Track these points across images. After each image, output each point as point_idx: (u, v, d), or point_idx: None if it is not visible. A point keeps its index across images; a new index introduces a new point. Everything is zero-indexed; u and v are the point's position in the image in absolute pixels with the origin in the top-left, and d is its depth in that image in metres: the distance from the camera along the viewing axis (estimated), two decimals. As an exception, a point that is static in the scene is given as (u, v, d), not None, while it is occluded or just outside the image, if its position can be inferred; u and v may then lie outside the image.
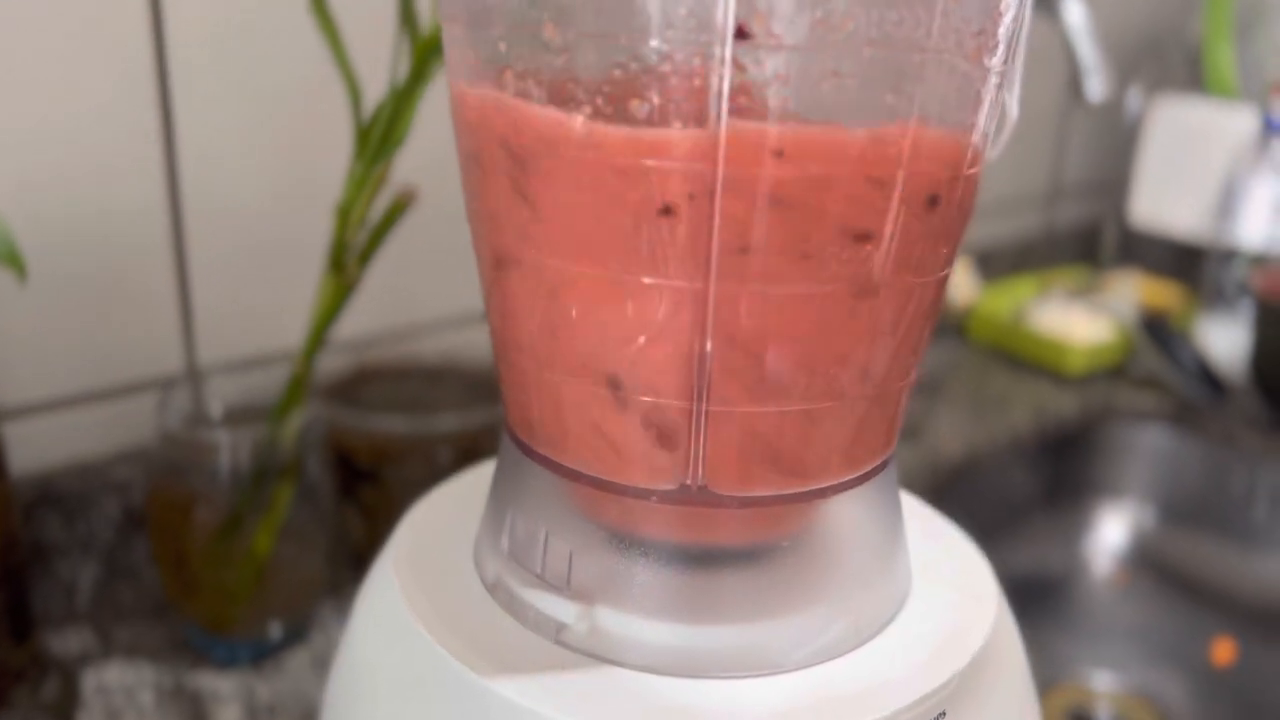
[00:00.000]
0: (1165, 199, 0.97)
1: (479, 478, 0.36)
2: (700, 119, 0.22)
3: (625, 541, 0.28)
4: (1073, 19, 0.67)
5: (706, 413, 0.26)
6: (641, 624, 0.28)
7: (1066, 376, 0.88)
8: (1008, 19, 0.24)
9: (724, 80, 0.22)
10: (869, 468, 0.28)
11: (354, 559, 0.60)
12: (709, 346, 0.25)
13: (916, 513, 0.35)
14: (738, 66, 0.22)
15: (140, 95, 0.54)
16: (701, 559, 0.28)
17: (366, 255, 0.46)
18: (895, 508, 0.30)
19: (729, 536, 0.28)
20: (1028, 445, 0.81)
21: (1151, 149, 0.99)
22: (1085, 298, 0.93)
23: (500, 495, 0.31)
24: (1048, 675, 0.75)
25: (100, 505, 0.57)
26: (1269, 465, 0.79)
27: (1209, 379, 0.83)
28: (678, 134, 0.22)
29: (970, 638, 0.29)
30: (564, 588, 0.28)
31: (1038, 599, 0.81)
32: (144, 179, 0.55)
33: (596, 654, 0.28)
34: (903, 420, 0.29)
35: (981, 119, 0.25)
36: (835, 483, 0.28)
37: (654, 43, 0.22)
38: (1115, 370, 0.91)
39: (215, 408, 0.54)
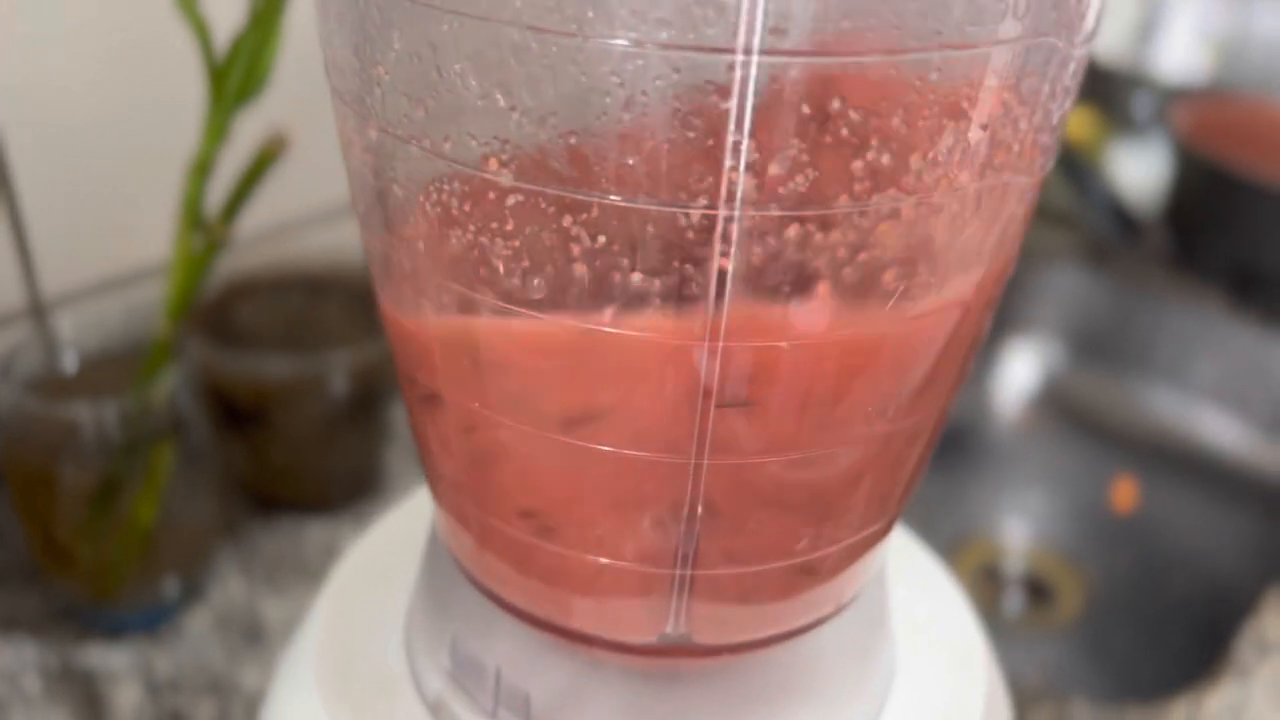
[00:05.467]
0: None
1: (396, 539, 0.31)
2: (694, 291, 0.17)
3: (590, 676, 0.24)
4: None
5: (692, 577, 0.21)
6: (611, 760, 0.25)
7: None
8: None
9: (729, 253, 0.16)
10: (861, 589, 0.25)
11: (245, 493, 0.55)
12: (698, 511, 0.20)
13: (900, 548, 0.32)
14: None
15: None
16: (678, 683, 0.25)
17: (231, 211, 0.39)
18: (885, 600, 0.27)
19: (708, 664, 0.24)
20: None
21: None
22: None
23: (435, 605, 0.26)
24: (959, 530, 0.76)
25: (-52, 467, 0.50)
26: (1177, 306, 0.79)
27: (1121, 217, 0.81)
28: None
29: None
30: (521, 729, 0.25)
31: (948, 445, 0.81)
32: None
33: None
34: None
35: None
36: (828, 614, 0.24)
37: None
38: (1027, 204, 0.88)
39: (69, 360, 0.47)
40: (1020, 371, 0.84)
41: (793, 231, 0.16)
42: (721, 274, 0.17)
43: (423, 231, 0.18)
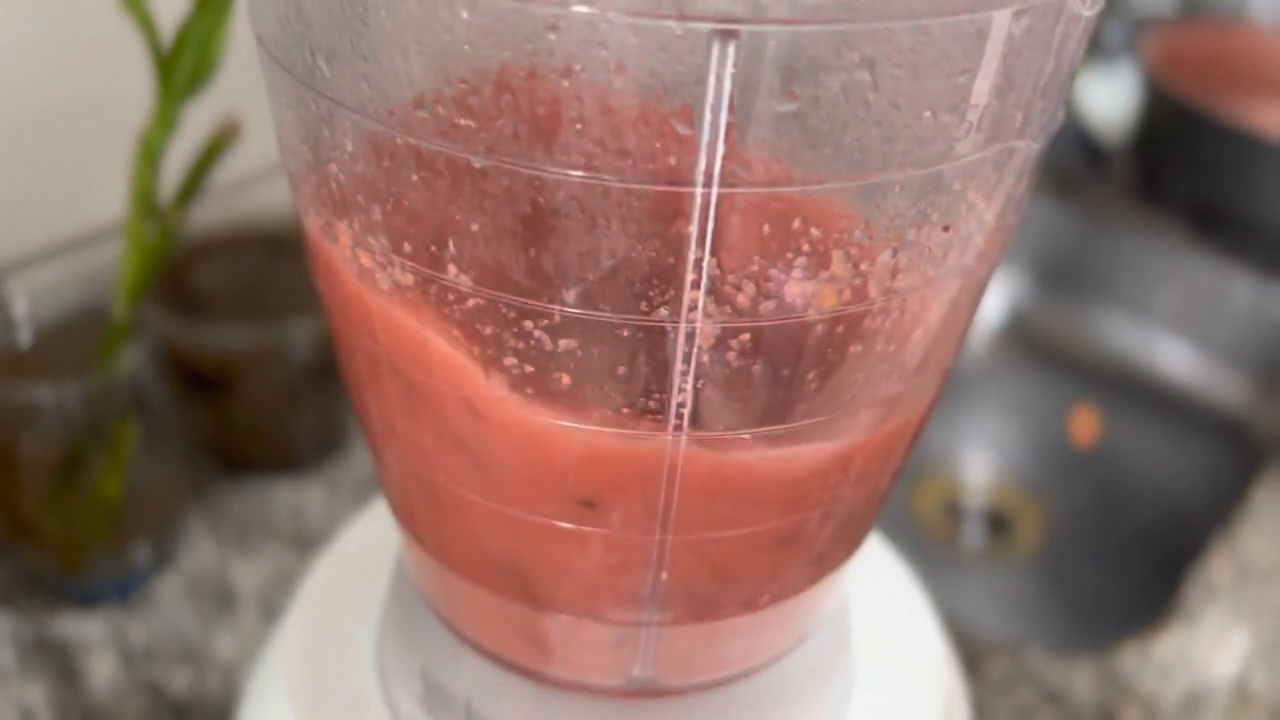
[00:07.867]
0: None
1: (364, 549, 0.31)
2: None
3: (561, 710, 0.25)
4: None
5: (658, 629, 0.22)
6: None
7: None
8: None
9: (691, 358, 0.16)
10: (825, 616, 0.25)
11: (211, 455, 0.55)
12: (663, 576, 0.21)
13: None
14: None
15: None
16: (648, 717, 0.25)
17: (184, 198, 0.38)
18: (846, 618, 0.28)
19: (676, 699, 0.25)
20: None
21: None
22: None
23: (404, 634, 0.27)
24: (921, 463, 0.77)
25: (-93, 440, 0.49)
26: (1140, 237, 0.79)
27: (1088, 146, 0.81)
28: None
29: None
30: (494, 760, 0.25)
31: (911, 379, 0.81)
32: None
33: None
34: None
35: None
36: (793, 645, 0.25)
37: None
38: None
39: (24, 334, 0.47)
40: (985, 303, 0.85)
41: (751, 341, 0.16)
42: (683, 379, 0.17)
43: (380, 316, 0.18)
